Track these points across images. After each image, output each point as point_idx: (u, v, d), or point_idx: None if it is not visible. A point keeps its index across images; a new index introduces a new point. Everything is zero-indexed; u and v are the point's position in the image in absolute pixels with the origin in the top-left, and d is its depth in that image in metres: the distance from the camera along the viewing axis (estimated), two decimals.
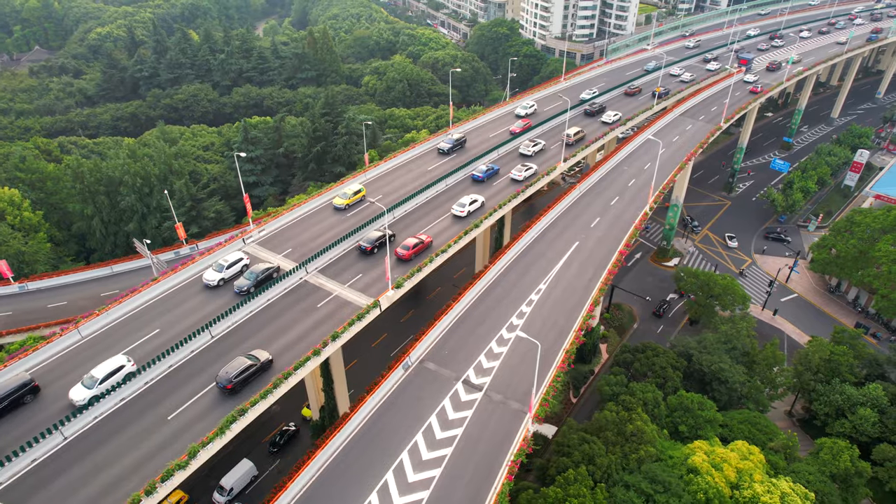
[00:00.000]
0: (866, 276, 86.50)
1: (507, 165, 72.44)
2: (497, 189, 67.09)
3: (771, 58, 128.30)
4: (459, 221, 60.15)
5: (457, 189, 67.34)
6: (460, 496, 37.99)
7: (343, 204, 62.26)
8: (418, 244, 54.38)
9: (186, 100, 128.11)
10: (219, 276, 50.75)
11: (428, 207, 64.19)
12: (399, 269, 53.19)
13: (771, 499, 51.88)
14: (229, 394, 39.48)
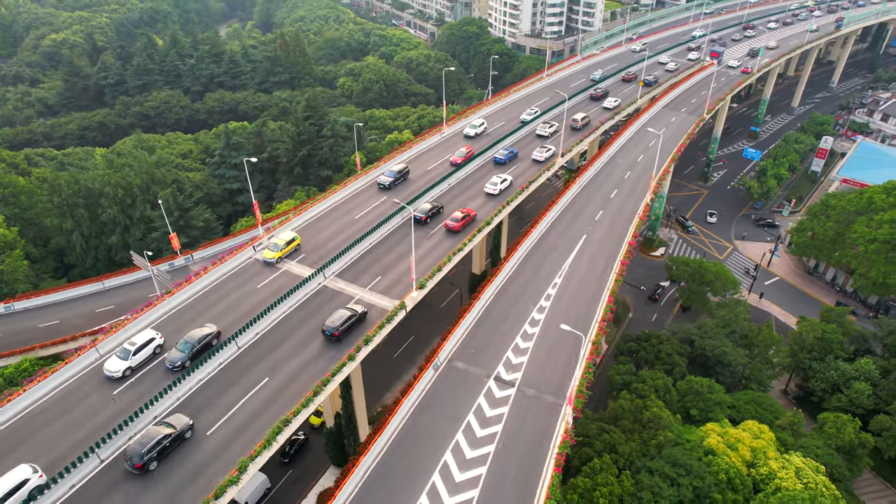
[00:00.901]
0: (843, 256, 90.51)
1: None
2: (521, 170, 73.36)
3: (746, 47, 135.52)
4: (493, 199, 65.85)
5: (483, 170, 73.63)
6: (509, 492, 38.13)
7: (274, 257, 53.14)
8: (465, 217, 59.95)
9: (158, 107, 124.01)
10: (124, 365, 40.33)
11: (461, 187, 69.89)
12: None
13: (787, 474, 53.88)
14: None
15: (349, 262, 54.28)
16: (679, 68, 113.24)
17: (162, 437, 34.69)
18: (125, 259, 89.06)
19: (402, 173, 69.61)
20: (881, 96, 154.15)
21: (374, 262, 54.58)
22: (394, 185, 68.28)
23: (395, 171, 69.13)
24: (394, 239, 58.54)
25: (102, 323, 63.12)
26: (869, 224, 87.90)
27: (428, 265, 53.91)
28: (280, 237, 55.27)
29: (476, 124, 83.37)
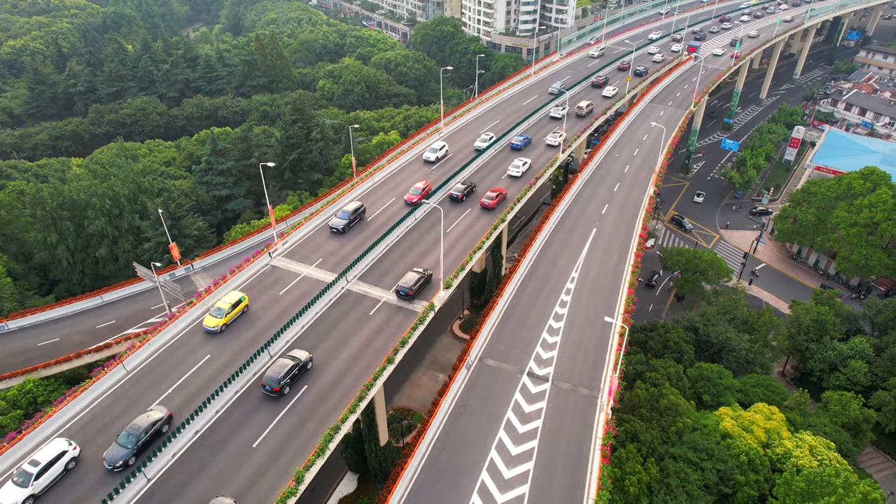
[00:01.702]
0: (826, 241, 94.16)
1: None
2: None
3: (726, 38, 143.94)
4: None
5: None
6: (559, 485, 38.43)
7: (217, 325, 45.58)
8: (498, 195, 64.84)
9: (134, 114, 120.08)
10: (25, 494, 32.84)
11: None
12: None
13: (802, 452, 55.80)
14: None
15: (370, 263, 53.82)
16: (665, 60, 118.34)
17: (292, 366, 41.07)
18: (113, 272, 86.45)
19: (237, 305, 51.24)
20: (843, 87, 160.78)
21: (395, 262, 54.29)
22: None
23: (228, 305, 48.38)
24: (415, 235, 58.45)
25: (105, 339, 61.04)
26: (849, 209, 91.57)
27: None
28: (224, 300, 46.81)
29: (436, 147, 76.55)
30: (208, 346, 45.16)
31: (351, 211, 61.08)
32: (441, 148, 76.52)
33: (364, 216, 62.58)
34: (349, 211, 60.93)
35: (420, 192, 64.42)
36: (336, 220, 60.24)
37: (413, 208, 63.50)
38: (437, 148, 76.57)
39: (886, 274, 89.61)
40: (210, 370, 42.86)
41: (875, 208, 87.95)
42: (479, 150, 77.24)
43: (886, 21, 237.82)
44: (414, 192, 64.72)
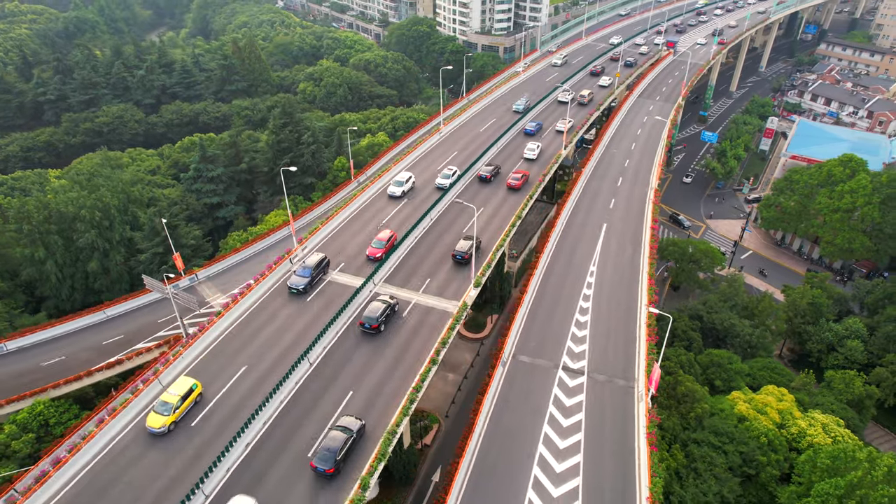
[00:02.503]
0: (809, 227, 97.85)
1: None
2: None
3: (705, 29, 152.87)
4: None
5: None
6: (610, 475, 39.01)
7: (163, 425, 38.17)
8: (523, 176, 69.63)
9: (111, 122, 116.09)
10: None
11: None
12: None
13: (815, 431, 57.93)
14: None
15: (393, 265, 53.50)
16: (650, 52, 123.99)
17: (386, 307, 46.61)
18: (105, 286, 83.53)
19: (188, 395, 42.42)
20: (808, 78, 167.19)
21: (418, 263, 54.11)
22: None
23: (176, 398, 40.18)
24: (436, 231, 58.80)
25: (113, 355, 59.08)
26: (831, 195, 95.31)
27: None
28: (171, 392, 39.78)
29: (402, 179, 68.94)
30: None
31: (313, 266, 51.93)
32: (408, 179, 68.93)
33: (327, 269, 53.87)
34: (310, 266, 51.67)
35: (384, 245, 55.30)
36: (295, 277, 51.08)
37: (440, 195, 65.31)
38: (402, 180, 68.56)
39: (868, 256, 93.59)
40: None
41: (856, 193, 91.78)
42: (442, 189, 68.42)
43: (838, 15, 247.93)
44: (377, 244, 55.40)
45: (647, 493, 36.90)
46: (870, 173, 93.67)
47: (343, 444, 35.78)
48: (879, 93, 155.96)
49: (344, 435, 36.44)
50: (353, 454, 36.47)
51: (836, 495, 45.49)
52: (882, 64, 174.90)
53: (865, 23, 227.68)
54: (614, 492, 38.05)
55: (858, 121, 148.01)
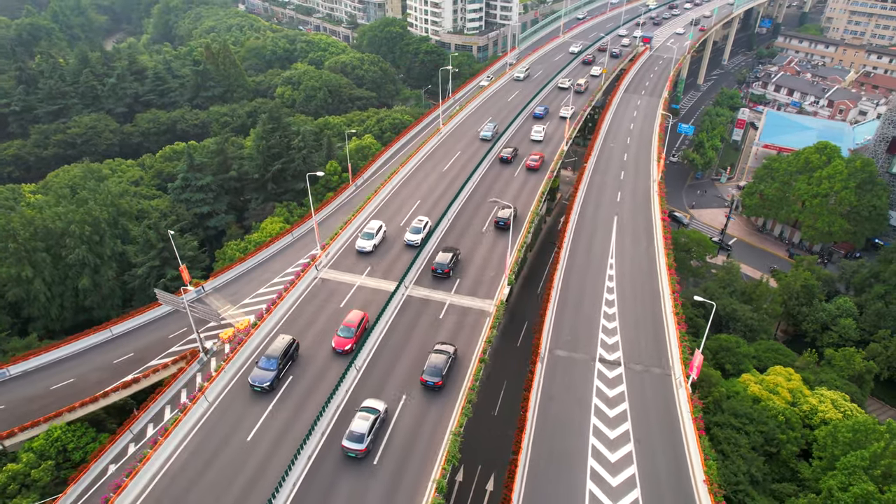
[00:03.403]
0: (791, 212, 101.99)
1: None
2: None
3: (679, 21, 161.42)
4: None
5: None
6: (663, 461, 39.94)
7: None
8: (540, 157, 74.16)
9: (84, 133, 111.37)
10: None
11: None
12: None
13: (826, 407, 60.53)
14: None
15: (422, 266, 53.33)
16: (630, 44, 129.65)
17: (452, 256, 52.91)
18: (97, 303, 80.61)
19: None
20: (771, 70, 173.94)
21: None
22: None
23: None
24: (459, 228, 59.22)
25: (126, 374, 56.96)
26: (809, 182, 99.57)
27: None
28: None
29: (372, 230, 58.46)
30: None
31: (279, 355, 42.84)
32: (378, 229, 59.00)
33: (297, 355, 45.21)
34: (276, 357, 42.57)
35: (354, 333, 44.94)
36: (258, 372, 42.13)
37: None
38: (371, 231, 58.49)
39: (846, 238, 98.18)
40: None
41: (833, 179, 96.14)
42: (413, 246, 57.99)
43: (789, 9, 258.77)
44: (345, 333, 44.98)
45: (703, 475, 37.91)
46: (844, 159, 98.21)
47: (445, 363, 41.98)
48: (837, 82, 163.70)
49: (444, 356, 42.40)
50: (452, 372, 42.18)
51: (861, 466, 47.67)
52: (836, 55, 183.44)
53: (815, 17, 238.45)
54: (669, 476, 38.98)
55: (820, 109, 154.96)
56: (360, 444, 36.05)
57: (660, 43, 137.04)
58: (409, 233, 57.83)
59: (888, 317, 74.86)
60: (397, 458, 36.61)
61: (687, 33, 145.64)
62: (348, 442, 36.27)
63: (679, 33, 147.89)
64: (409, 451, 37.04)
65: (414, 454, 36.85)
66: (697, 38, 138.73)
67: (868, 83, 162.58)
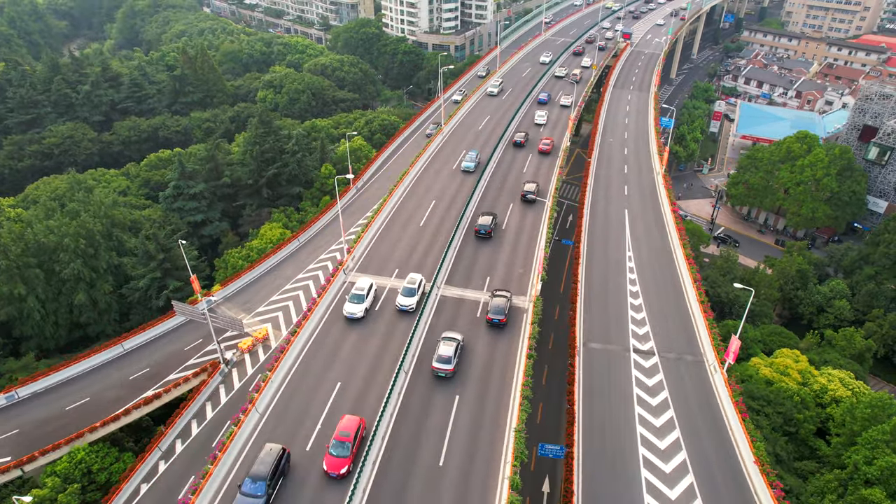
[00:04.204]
0: (775, 200, 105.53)
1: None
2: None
3: (658, 13, 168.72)
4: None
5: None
6: (710, 446, 40.93)
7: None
8: (551, 142, 79.16)
9: (61, 143, 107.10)
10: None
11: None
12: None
13: (835, 385, 62.94)
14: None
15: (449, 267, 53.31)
16: (614, 37, 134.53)
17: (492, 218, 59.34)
18: (93, 319, 77.86)
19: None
20: (740, 63, 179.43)
21: (472, 262, 54.19)
22: None
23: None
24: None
25: (144, 390, 55.20)
26: (792, 170, 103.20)
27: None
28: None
29: (362, 290, 49.80)
30: None
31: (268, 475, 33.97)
32: (369, 289, 50.42)
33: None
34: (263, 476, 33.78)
35: (349, 452, 35.97)
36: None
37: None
38: (361, 292, 50.12)
39: (829, 223, 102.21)
40: None
41: (815, 167, 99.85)
42: (405, 310, 49.42)
43: (750, 4, 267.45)
44: (338, 450, 35.95)
45: (752, 457, 38.96)
46: (824, 147, 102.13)
47: (506, 305, 47.28)
48: (802, 74, 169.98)
49: (504, 299, 47.86)
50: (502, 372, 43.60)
51: (883, 440, 49.74)
52: (799, 48, 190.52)
53: (774, 11, 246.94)
54: (719, 459, 39.98)
55: (789, 100, 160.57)
56: (449, 364, 42.14)
57: (639, 37, 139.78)
58: (402, 295, 48.99)
59: (880, 296, 78.28)
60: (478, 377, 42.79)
61: (667, 25, 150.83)
62: (438, 363, 42.30)
63: (660, 24, 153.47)
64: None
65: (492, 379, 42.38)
66: (677, 29, 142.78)
67: (831, 74, 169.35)
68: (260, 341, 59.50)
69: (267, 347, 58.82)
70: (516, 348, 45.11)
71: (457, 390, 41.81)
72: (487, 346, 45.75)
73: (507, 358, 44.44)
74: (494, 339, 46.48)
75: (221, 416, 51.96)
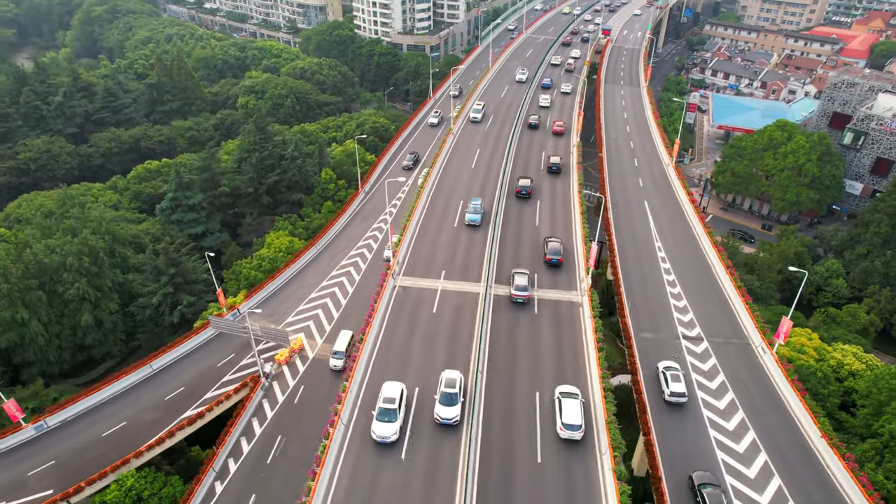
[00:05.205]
0: (761, 186, 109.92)
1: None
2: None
3: (632, 6, 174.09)
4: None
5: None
6: (774, 424, 42.56)
7: None
8: (563, 124, 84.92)
9: (38, 157, 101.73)
10: None
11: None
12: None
13: (850, 360, 66.14)
14: None
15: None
16: (594, 30, 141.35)
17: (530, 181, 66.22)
18: (98, 340, 74.59)
19: None
20: (706, 56, 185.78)
21: (512, 260, 54.58)
22: None
23: None
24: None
25: (181, 412, 53.22)
26: (775, 157, 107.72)
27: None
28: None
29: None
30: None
31: None
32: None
33: None
34: None
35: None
36: None
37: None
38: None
39: (812, 207, 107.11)
40: None
41: (797, 153, 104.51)
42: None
43: None
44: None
45: (818, 432, 40.69)
46: (804, 134, 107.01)
47: (561, 247, 54.76)
48: (764, 65, 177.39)
49: (558, 242, 55.33)
50: None
51: None
52: (758, 40, 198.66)
53: (728, 6, 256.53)
54: (785, 437, 41.60)
55: (755, 91, 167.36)
56: (525, 292, 49.34)
57: (617, 33, 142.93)
58: (440, 405, 39.33)
59: (875, 273, 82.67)
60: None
61: (643, 15, 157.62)
62: (517, 292, 49.20)
63: (637, 14, 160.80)
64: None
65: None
66: (655, 19, 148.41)
67: (791, 65, 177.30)
68: (296, 352, 58.31)
69: (304, 358, 57.77)
70: (581, 344, 45.47)
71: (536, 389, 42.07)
72: (552, 342, 46.08)
73: (577, 356, 44.71)
74: (558, 335, 46.70)
75: (270, 431, 50.81)
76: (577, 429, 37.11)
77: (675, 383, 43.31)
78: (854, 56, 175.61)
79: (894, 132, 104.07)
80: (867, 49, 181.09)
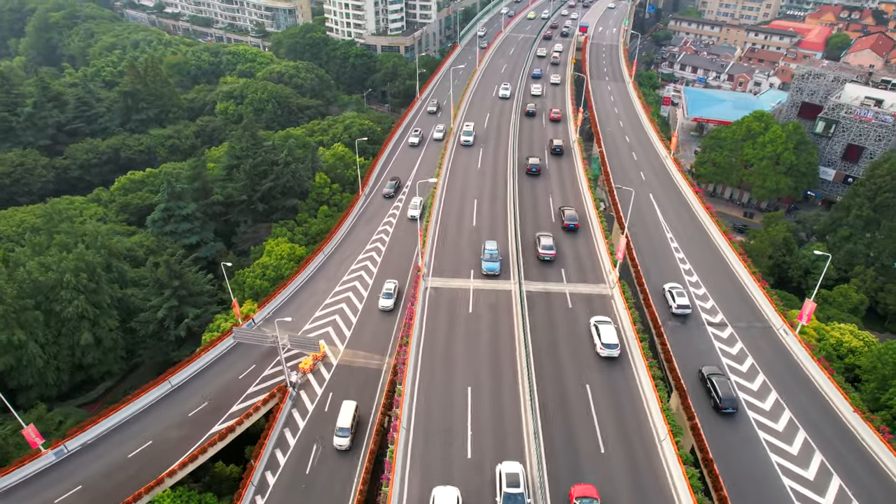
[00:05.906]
0: (742, 175, 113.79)
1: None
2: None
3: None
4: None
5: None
6: (809, 405, 44.27)
7: None
8: (560, 111, 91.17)
9: (12, 171, 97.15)
10: None
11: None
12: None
13: (849, 337, 69.25)
14: None
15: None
16: (572, 25, 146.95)
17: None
18: (98, 359, 71.92)
19: None
20: (673, 50, 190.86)
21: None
22: None
23: None
24: None
25: (208, 427, 51.94)
26: (754, 147, 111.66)
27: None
28: None
29: None
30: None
31: None
32: None
33: None
34: None
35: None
36: None
37: None
38: None
39: (790, 193, 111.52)
40: None
41: (775, 143, 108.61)
42: None
43: None
44: None
45: (850, 407, 42.58)
46: (780, 124, 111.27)
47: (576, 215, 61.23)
48: (729, 59, 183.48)
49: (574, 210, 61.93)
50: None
51: None
52: (721, 35, 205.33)
53: (689, 1, 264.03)
54: (820, 415, 43.35)
55: (723, 83, 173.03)
56: (552, 250, 55.25)
57: (593, 29, 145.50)
58: None
59: (858, 254, 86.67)
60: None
61: (617, 9, 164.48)
62: (544, 251, 54.86)
63: (611, 7, 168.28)
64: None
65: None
66: (629, 12, 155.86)
67: (755, 57, 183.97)
68: (319, 359, 57.55)
69: (328, 365, 57.07)
70: (622, 339, 46.38)
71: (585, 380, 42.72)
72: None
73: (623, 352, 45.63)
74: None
75: (304, 441, 50.05)
76: (614, 347, 44.04)
77: (680, 297, 51.39)
78: (811, 48, 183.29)
79: (863, 120, 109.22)
80: (823, 41, 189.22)
